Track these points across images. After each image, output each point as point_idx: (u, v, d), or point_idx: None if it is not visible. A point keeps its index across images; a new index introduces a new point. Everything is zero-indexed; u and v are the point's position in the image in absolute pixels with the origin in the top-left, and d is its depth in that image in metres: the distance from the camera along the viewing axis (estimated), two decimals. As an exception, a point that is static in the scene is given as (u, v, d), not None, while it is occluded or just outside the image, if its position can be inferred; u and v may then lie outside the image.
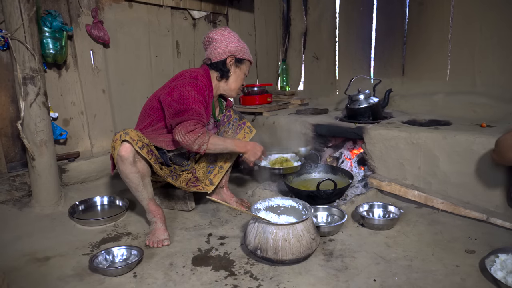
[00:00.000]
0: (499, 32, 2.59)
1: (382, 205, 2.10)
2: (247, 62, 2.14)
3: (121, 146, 1.78)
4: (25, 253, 1.78)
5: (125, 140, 1.78)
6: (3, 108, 2.38)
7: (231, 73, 2.10)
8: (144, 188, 1.90)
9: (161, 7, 3.04)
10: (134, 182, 1.85)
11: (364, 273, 1.54)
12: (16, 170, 2.46)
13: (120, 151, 1.77)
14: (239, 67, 2.11)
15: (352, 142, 2.73)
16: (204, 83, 1.99)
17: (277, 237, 1.56)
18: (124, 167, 1.81)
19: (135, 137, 1.80)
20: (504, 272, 1.43)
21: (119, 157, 1.79)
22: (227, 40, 2.06)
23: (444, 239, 1.81)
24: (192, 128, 1.84)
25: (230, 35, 2.07)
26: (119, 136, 1.80)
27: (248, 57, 2.12)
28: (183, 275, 1.56)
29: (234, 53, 2.06)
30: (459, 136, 2.09)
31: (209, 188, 2.19)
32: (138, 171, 1.84)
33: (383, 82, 2.95)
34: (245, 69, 2.14)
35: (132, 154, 1.79)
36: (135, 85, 2.98)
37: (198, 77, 1.98)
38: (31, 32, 2.06)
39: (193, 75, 1.99)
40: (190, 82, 1.93)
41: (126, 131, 1.80)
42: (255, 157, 2.07)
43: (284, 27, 4.05)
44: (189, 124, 1.84)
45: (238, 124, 2.34)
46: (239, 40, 2.10)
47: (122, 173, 1.85)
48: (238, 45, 2.07)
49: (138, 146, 1.79)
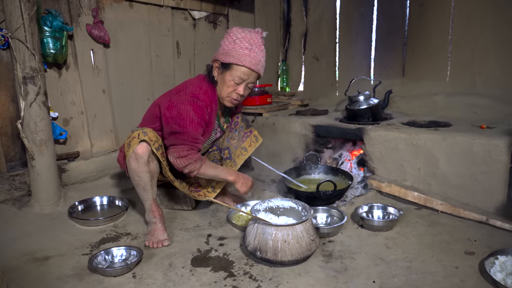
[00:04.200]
0: (500, 32, 2.59)
1: (381, 206, 2.10)
2: (236, 66, 1.85)
3: (139, 144, 1.79)
4: (24, 252, 1.78)
5: (144, 140, 1.80)
6: (3, 108, 2.38)
7: (216, 79, 1.95)
8: (151, 188, 1.91)
9: (162, 7, 3.04)
10: (144, 182, 1.86)
11: (364, 274, 1.54)
12: (15, 170, 2.46)
13: (137, 149, 1.79)
14: (225, 72, 1.89)
15: (352, 143, 2.73)
16: (205, 102, 1.89)
17: (276, 238, 1.56)
18: (137, 165, 1.81)
19: (153, 138, 1.83)
20: (504, 274, 1.43)
21: (134, 154, 1.79)
22: (223, 42, 1.90)
23: (443, 240, 1.80)
24: (185, 154, 1.83)
25: (229, 36, 1.88)
26: (137, 134, 1.81)
27: (235, 61, 1.83)
28: (182, 276, 1.56)
29: (218, 57, 1.90)
30: (459, 138, 2.09)
31: (211, 195, 2.16)
32: (149, 171, 1.85)
33: (383, 83, 2.95)
34: (234, 74, 1.86)
35: (148, 154, 1.81)
36: (135, 85, 2.98)
37: (200, 97, 1.87)
38: (32, 32, 2.06)
39: (194, 93, 1.88)
40: (190, 101, 1.84)
41: (144, 131, 1.82)
42: (246, 187, 2.00)
43: (284, 28, 4.05)
44: (182, 149, 1.82)
45: (245, 132, 2.25)
46: (234, 41, 1.84)
47: (133, 171, 1.84)
48: (226, 47, 1.86)
49: (155, 147, 1.82)
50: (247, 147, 2.25)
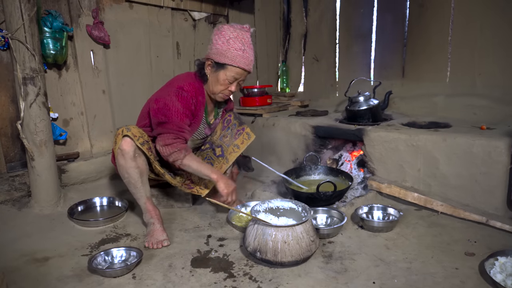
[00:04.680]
0: (500, 33, 2.58)
1: (381, 207, 2.10)
2: (231, 67, 1.91)
3: (123, 140, 1.84)
4: (24, 253, 1.78)
5: (127, 135, 1.84)
6: (3, 108, 2.38)
7: (208, 76, 2.01)
8: (142, 186, 1.92)
9: (162, 8, 3.04)
10: (134, 178, 1.88)
11: (364, 275, 1.53)
12: (15, 170, 2.46)
13: (122, 145, 1.83)
14: (218, 71, 1.94)
15: (352, 144, 2.73)
16: (190, 93, 1.95)
17: (276, 239, 1.56)
18: (124, 161, 1.85)
19: (136, 133, 1.87)
20: (504, 275, 1.43)
21: (120, 150, 1.83)
22: (215, 40, 1.92)
23: (443, 241, 1.80)
24: (170, 142, 1.89)
25: (221, 34, 1.90)
26: (121, 131, 1.86)
27: (230, 62, 1.90)
28: (182, 277, 1.56)
29: (212, 56, 1.93)
30: (459, 139, 2.09)
31: (203, 191, 2.16)
32: (137, 167, 1.88)
33: (383, 84, 2.95)
34: (228, 74, 1.93)
35: (133, 149, 1.84)
36: (135, 85, 2.98)
37: (184, 87, 1.94)
38: (32, 32, 2.06)
39: (180, 84, 1.96)
40: (175, 93, 1.92)
41: (128, 127, 1.88)
42: (227, 188, 1.93)
43: (284, 29, 4.05)
44: (167, 137, 1.89)
45: (237, 129, 2.29)
46: (227, 41, 1.88)
47: (121, 168, 1.87)
48: (220, 47, 1.89)
49: (139, 142, 1.86)
50: (240, 144, 2.27)
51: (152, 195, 2.26)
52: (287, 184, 2.34)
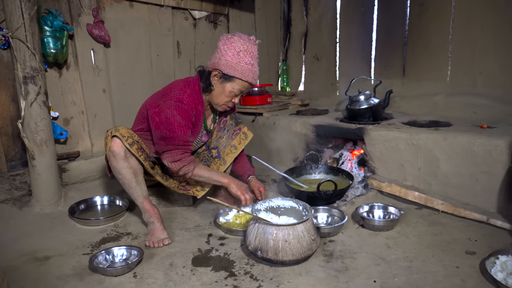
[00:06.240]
0: (500, 32, 2.58)
1: (382, 206, 2.10)
2: (239, 81, 1.92)
3: (112, 141, 1.84)
4: (25, 252, 1.78)
5: (115, 136, 1.83)
6: (4, 107, 2.38)
7: (214, 87, 1.98)
8: (137, 185, 1.92)
9: (162, 7, 3.04)
10: (127, 178, 1.88)
11: (364, 274, 1.54)
12: (16, 169, 2.46)
13: (112, 146, 1.83)
14: (225, 83, 1.94)
15: (352, 143, 2.73)
16: (189, 106, 1.92)
17: (277, 238, 1.56)
18: (116, 162, 1.84)
19: (125, 134, 1.85)
20: (504, 274, 1.43)
21: (110, 152, 1.83)
22: (224, 50, 1.91)
23: (444, 240, 1.80)
24: (179, 158, 1.90)
25: (231, 45, 1.89)
26: (110, 132, 1.87)
27: (239, 76, 1.90)
28: (183, 276, 1.56)
29: (221, 67, 1.91)
30: (459, 137, 2.09)
31: (199, 193, 2.16)
32: (130, 167, 1.87)
33: (384, 83, 2.95)
34: (235, 87, 1.94)
35: (123, 150, 1.83)
36: (136, 85, 2.98)
37: (184, 101, 1.90)
38: (32, 31, 2.06)
39: (179, 97, 1.90)
40: (175, 106, 1.87)
41: (117, 128, 1.87)
42: (240, 189, 1.97)
43: (284, 28, 4.05)
44: (175, 154, 1.89)
45: (234, 130, 2.27)
46: (238, 54, 1.88)
47: (115, 170, 1.88)
48: (230, 59, 1.88)
49: (128, 143, 1.84)
50: (237, 145, 2.26)
51: (151, 194, 2.27)
52: (288, 183, 2.35)
